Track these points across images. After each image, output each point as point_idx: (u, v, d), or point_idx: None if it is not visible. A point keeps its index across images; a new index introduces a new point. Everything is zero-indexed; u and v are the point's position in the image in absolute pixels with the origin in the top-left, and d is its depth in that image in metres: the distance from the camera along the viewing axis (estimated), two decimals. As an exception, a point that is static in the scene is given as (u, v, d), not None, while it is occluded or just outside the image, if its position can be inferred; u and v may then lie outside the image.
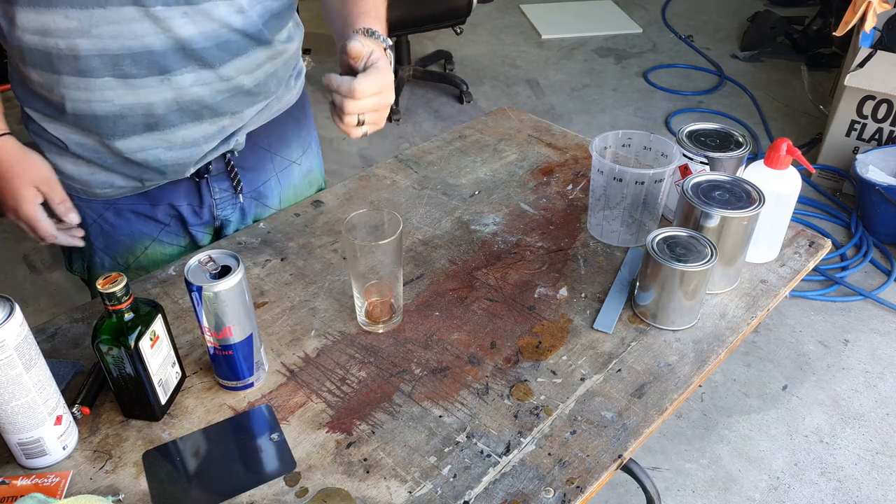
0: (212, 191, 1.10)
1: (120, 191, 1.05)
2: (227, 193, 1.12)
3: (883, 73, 2.61)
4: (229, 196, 1.12)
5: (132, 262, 1.11)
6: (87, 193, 1.04)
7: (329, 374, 0.88)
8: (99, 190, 1.04)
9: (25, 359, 0.70)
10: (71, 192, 1.03)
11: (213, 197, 1.11)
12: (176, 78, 0.93)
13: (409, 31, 3.14)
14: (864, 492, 1.77)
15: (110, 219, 1.07)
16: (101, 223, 1.07)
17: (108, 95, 0.92)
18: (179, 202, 1.09)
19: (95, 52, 0.88)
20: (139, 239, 1.10)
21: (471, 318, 0.96)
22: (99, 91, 0.91)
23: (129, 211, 1.07)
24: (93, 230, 1.08)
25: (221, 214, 1.13)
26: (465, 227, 1.13)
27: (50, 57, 0.89)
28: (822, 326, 2.23)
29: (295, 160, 1.20)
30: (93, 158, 1.00)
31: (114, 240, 1.09)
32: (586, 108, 3.39)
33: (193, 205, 1.10)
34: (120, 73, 0.90)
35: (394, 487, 0.75)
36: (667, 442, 1.89)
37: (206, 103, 0.97)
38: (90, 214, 1.07)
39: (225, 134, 1.03)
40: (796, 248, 1.09)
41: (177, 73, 0.93)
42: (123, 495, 0.74)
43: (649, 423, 0.82)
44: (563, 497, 0.74)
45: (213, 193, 1.10)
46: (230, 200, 1.13)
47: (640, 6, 4.32)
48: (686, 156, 1.05)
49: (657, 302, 0.93)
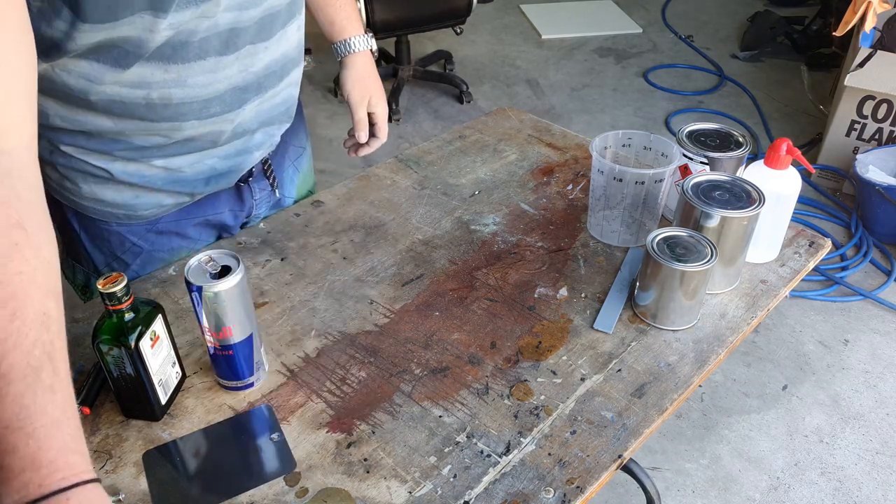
0: (253, 193, 1.11)
1: (164, 209, 1.03)
2: (266, 192, 1.14)
3: (883, 73, 2.61)
4: (267, 195, 1.14)
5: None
6: (130, 217, 1.01)
7: (329, 374, 0.88)
8: (145, 212, 1.01)
9: (26, 359, 0.70)
10: (110, 218, 1.00)
11: (253, 198, 1.12)
12: (247, 106, 0.95)
13: (409, 31, 3.14)
14: (864, 492, 1.77)
15: (151, 239, 1.04)
16: (141, 244, 1.04)
17: (186, 134, 0.92)
18: (221, 209, 1.09)
19: (188, 100, 0.88)
20: (177, 253, 1.07)
21: (471, 318, 0.96)
22: (179, 132, 0.91)
23: (171, 229, 1.05)
24: (129, 254, 1.04)
25: (257, 213, 1.15)
26: (465, 227, 1.13)
27: (134, 106, 0.86)
28: (822, 326, 2.23)
29: (304, 146, 1.23)
30: (139, 182, 0.97)
31: (152, 259, 1.06)
32: (586, 108, 3.39)
33: (235, 210, 1.11)
34: (205, 115, 0.91)
35: (394, 487, 0.75)
36: (667, 442, 1.89)
37: (262, 119, 1.00)
38: (129, 239, 1.03)
39: (274, 141, 1.06)
40: (796, 248, 1.09)
41: (249, 103, 0.95)
42: (123, 495, 0.74)
43: (649, 423, 0.82)
44: (563, 497, 0.74)
45: (253, 195, 1.12)
46: (267, 199, 1.15)
47: (640, 6, 4.32)
48: (686, 156, 1.05)
49: (657, 302, 0.93)
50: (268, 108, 0.99)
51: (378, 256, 1.06)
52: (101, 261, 1.05)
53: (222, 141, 0.97)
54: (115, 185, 0.96)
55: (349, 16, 1.16)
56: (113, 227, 1.01)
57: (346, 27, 1.16)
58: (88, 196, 0.97)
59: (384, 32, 3.03)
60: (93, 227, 1.02)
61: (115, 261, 1.05)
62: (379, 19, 2.93)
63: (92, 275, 1.07)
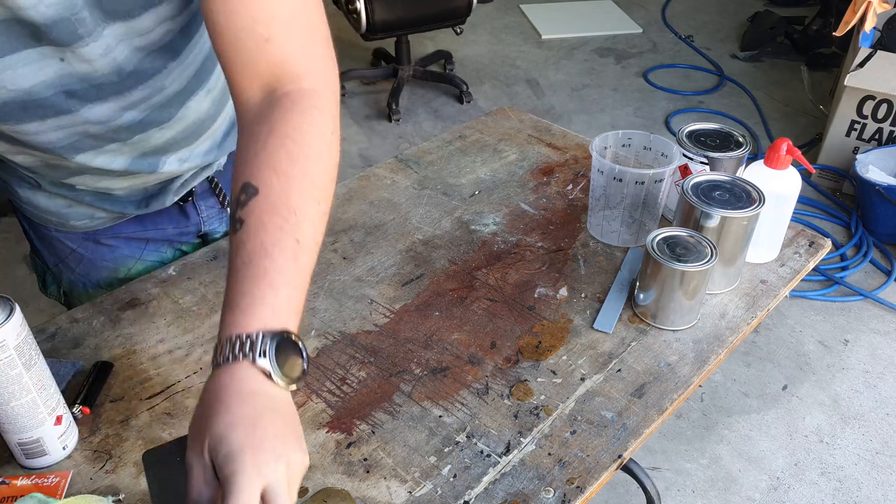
0: (198, 210, 1.07)
1: (98, 221, 1.00)
2: (215, 210, 1.09)
3: (883, 73, 2.61)
4: (216, 212, 1.10)
5: (116, 282, 1.06)
6: (65, 226, 1.00)
7: (329, 373, 0.88)
8: (77, 222, 0.99)
9: (25, 359, 0.70)
10: (48, 223, 0.99)
11: (200, 215, 1.08)
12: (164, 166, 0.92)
13: (409, 31, 3.14)
14: (864, 492, 1.77)
15: (90, 248, 1.02)
16: (81, 252, 1.02)
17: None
18: (164, 226, 1.05)
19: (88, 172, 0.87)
20: (123, 262, 1.05)
21: (471, 318, 0.96)
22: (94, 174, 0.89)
23: (110, 238, 1.03)
24: (71, 259, 1.03)
25: (209, 228, 1.11)
26: (465, 227, 1.13)
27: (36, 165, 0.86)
28: (822, 326, 2.23)
29: None
30: (68, 195, 0.95)
31: (96, 266, 1.04)
32: (586, 108, 3.38)
33: (180, 227, 1.07)
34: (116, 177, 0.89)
35: (394, 487, 0.75)
36: (667, 442, 1.89)
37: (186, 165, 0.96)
38: (68, 245, 1.01)
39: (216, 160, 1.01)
40: (796, 248, 1.09)
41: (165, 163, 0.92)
42: (123, 495, 0.74)
43: (649, 423, 0.82)
44: (563, 497, 0.74)
45: (199, 212, 1.08)
46: (217, 216, 1.10)
47: (640, 6, 4.32)
48: (686, 156, 1.05)
49: (657, 302, 0.93)
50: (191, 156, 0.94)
51: (378, 256, 1.06)
52: (50, 261, 1.05)
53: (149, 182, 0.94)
54: (46, 193, 0.94)
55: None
56: (52, 232, 1.01)
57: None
58: (25, 200, 0.96)
59: (384, 32, 3.04)
60: (37, 230, 1.02)
61: (61, 263, 1.04)
62: (379, 19, 2.93)
63: (48, 271, 1.07)
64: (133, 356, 0.90)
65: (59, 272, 1.06)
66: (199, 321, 0.95)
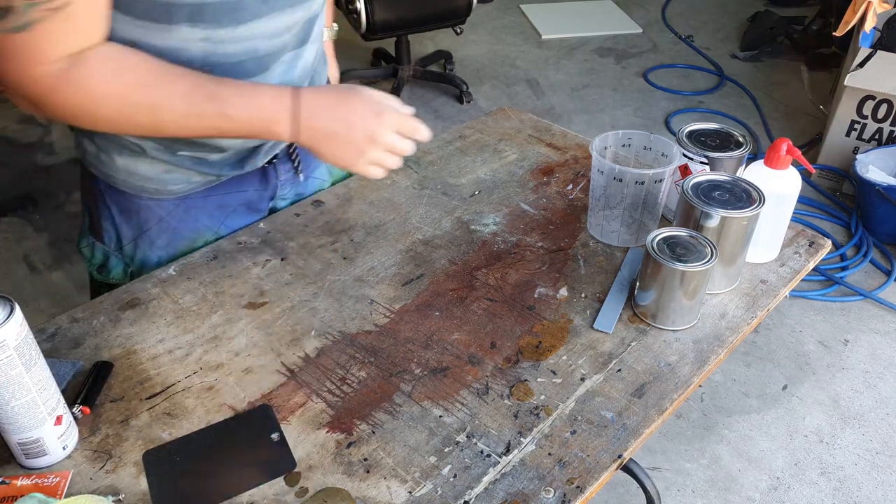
0: (277, 174, 1.13)
1: (192, 185, 1.05)
2: (289, 175, 1.15)
3: (883, 73, 2.61)
4: (290, 178, 1.16)
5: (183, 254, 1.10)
6: (160, 192, 1.04)
7: (329, 373, 0.88)
8: (173, 187, 1.04)
9: (25, 359, 0.70)
10: (141, 191, 1.03)
11: (278, 179, 1.14)
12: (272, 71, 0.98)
13: (409, 31, 3.14)
14: (864, 492, 1.77)
15: (178, 216, 1.07)
16: (168, 220, 1.06)
17: None
18: (246, 188, 1.11)
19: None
20: (201, 233, 1.10)
21: (471, 318, 0.96)
22: None
23: (197, 207, 1.07)
24: (156, 230, 1.07)
25: (281, 193, 1.16)
26: (465, 227, 1.13)
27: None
28: (822, 326, 2.23)
29: None
30: (170, 160, 1.00)
31: (176, 237, 1.08)
32: (586, 108, 3.39)
33: (260, 189, 1.12)
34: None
35: (394, 487, 0.75)
36: (667, 442, 1.89)
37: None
38: (157, 213, 1.06)
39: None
40: (796, 248, 1.09)
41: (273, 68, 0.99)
42: (123, 495, 0.74)
43: (649, 423, 0.82)
44: (563, 497, 0.74)
45: (278, 176, 1.13)
46: (291, 182, 1.16)
47: (640, 6, 4.32)
48: (686, 156, 1.05)
49: (657, 302, 0.93)
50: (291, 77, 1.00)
51: (378, 256, 1.06)
52: (128, 236, 1.07)
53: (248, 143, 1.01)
54: (148, 159, 1.00)
55: None
56: (143, 201, 1.04)
57: None
58: (122, 169, 1.00)
59: (384, 32, 3.03)
60: (124, 201, 1.04)
61: (140, 237, 1.07)
62: (379, 19, 2.93)
63: (114, 253, 1.09)
64: (133, 356, 0.90)
65: (132, 250, 1.08)
66: (199, 321, 0.95)
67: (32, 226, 2.64)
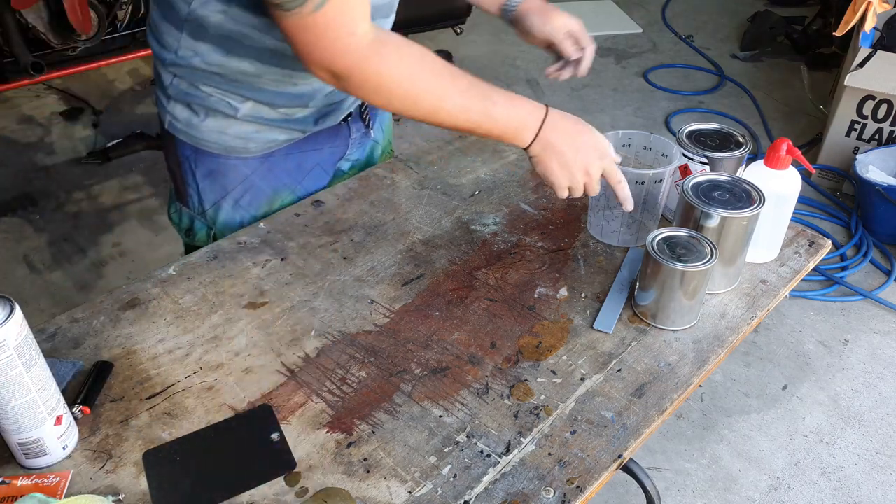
0: (350, 132, 1.19)
1: (277, 143, 1.10)
2: (360, 134, 1.22)
3: (883, 73, 2.60)
4: (361, 135, 1.22)
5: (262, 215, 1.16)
6: (247, 150, 1.08)
7: (329, 373, 0.88)
8: (260, 145, 1.08)
9: (25, 359, 0.70)
10: (229, 151, 1.07)
11: (350, 137, 1.20)
12: None
13: (409, 31, 3.14)
14: (864, 492, 1.77)
15: (262, 173, 1.11)
16: (252, 178, 1.11)
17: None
18: (322, 145, 1.16)
19: None
20: (279, 193, 1.15)
21: (471, 318, 0.96)
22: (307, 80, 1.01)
23: (279, 165, 1.12)
24: (240, 189, 1.11)
25: (351, 151, 1.22)
26: (465, 227, 1.13)
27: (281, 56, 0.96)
28: (822, 326, 2.23)
29: None
30: (260, 121, 1.05)
31: (258, 196, 1.13)
32: (586, 108, 3.38)
33: (334, 145, 1.18)
34: None
35: (394, 487, 0.75)
36: (667, 442, 1.89)
37: None
38: (244, 171, 1.10)
39: None
40: (796, 248, 1.09)
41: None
42: (123, 495, 0.74)
43: (649, 423, 0.82)
44: (563, 497, 0.74)
45: (351, 134, 1.19)
46: (360, 139, 1.23)
47: (640, 6, 4.32)
48: (686, 156, 1.05)
49: (657, 302, 0.93)
50: None
51: (378, 256, 1.06)
52: (209, 199, 1.12)
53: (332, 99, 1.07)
54: (238, 121, 1.04)
55: None
56: (231, 161, 1.08)
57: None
58: (213, 129, 1.04)
59: (384, 32, 3.03)
60: (210, 162, 1.08)
61: (224, 198, 1.11)
62: (379, 19, 2.92)
63: (197, 217, 1.13)
64: (133, 356, 0.90)
65: (214, 213, 1.12)
66: (199, 321, 0.95)
67: (32, 226, 2.63)
